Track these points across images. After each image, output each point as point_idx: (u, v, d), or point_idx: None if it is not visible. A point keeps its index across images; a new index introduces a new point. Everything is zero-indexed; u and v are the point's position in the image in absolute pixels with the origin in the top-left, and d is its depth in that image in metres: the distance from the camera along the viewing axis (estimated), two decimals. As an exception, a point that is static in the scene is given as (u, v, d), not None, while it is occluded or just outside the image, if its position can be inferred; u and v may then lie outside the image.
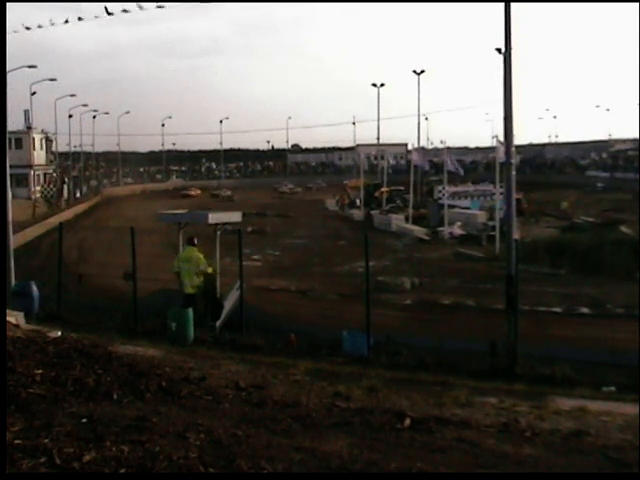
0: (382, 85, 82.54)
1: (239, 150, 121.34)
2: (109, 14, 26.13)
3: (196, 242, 17.45)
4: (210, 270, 17.19)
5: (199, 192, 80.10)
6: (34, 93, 60.81)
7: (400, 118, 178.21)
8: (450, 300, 24.28)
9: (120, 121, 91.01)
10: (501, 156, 28.33)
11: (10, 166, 21.89)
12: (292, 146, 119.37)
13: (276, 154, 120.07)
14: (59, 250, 19.01)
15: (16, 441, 4.48)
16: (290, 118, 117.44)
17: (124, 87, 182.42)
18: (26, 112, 65.23)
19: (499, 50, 16.82)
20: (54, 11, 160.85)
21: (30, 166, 64.59)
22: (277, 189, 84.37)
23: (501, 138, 23.06)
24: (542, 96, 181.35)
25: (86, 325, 15.47)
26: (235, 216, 20.37)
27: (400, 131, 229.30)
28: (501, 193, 34.78)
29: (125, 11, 26.86)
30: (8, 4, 12.50)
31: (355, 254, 25.77)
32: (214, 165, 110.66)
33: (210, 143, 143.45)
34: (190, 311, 15.51)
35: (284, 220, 53.33)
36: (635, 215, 41.02)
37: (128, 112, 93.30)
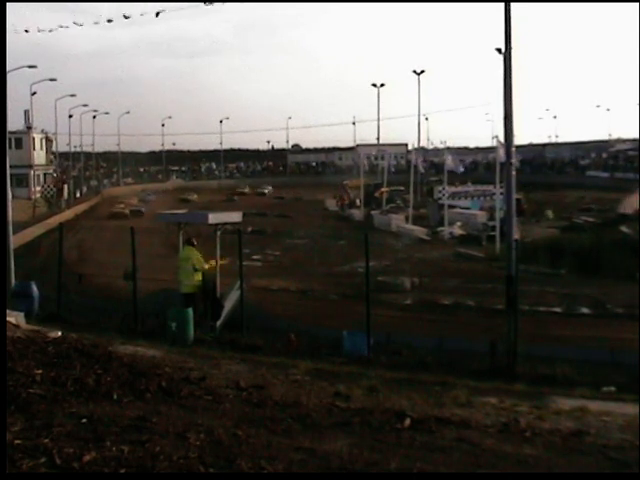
0: (382, 85, 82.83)
1: (239, 150, 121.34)
2: (109, 21, 26.16)
3: (195, 243, 17.51)
4: (207, 267, 17.23)
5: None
6: (34, 93, 60.83)
7: (400, 118, 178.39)
8: (450, 300, 24.29)
9: (120, 121, 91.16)
10: (501, 156, 28.32)
11: (10, 166, 21.89)
12: (292, 146, 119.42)
13: (276, 154, 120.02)
14: (59, 250, 19.01)
15: (16, 441, 4.47)
16: (290, 118, 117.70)
17: (124, 87, 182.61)
18: (26, 112, 65.28)
19: (499, 50, 16.84)
20: (54, 11, 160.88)
21: (30, 166, 64.58)
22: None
23: (501, 138, 23.07)
24: (542, 96, 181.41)
25: (86, 325, 15.47)
26: (235, 216, 20.36)
27: (400, 131, 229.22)
28: (501, 193, 34.79)
29: (126, 17, 26.84)
30: (8, 4, 12.50)
31: (355, 254, 25.77)
32: (214, 165, 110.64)
33: (210, 143, 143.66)
34: (190, 311, 15.52)
35: (284, 220, 53.32)
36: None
37: (128, 112, 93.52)
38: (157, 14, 24.12)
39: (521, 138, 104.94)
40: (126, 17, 26.51)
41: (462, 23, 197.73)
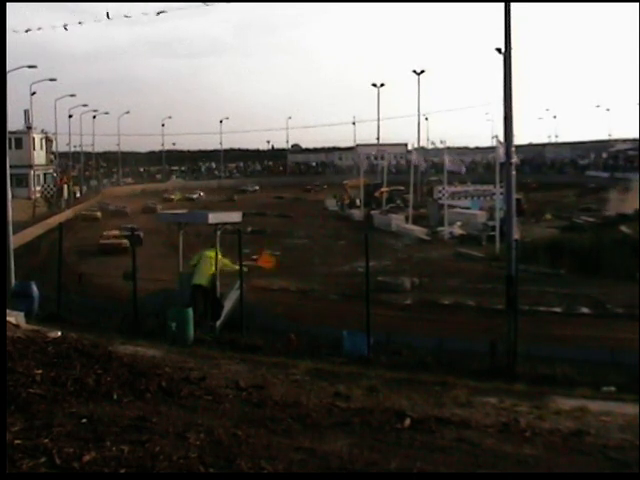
0: (382, 85, 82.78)
1: (239, 150, 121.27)
2: (108, 17, 26.24)
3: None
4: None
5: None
6: (34, 93, 60.76)
7: (400, 118, 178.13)
8: (450, 300, 24.31)
9: (120, 121, 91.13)
10: (501, 156, 28.32)
11: (10, 166, 21.90)
12: (292, 146, 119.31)
13: (276, 154, 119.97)
14: (59, 250, 19.02)
15: (16, 441, 4.47)
16: (290, 118, 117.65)
17: (124, 87, 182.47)
18: (26, 112, 65.32)
19: (499, 50, 16.85)
20: (54, 11, 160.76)
21: (30, 166, 64.58)
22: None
23: (501, 138, 23.07)
24: (542, 96, 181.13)
25: (86, 325, 15.48)
26: (235, 216, 20.40)
27: (400, 131, 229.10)
28: (501, 193, 34.80)
29: (127, 17, 26.94)
30: (8, 4, 12.49)
31: (355, 254, 25.80)
32: (214, 165, 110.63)
33: (210, 143, 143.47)
34: (190, 311, 15.54)
35: (284, 220, 53.32)
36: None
37: (128, 112, 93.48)
38: (158, 13, 24.24)
39: (521, 138, 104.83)
40: (127, 17, 26.60)
41: (462, 23, 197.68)
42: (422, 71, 78.23)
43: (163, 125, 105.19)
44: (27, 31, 28.45)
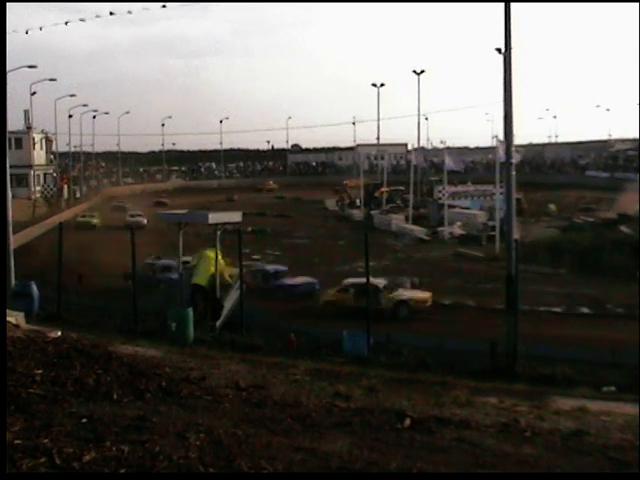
0: (382, 85, 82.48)
1: (239, 150, 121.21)
2: (111, 14, 26.33)
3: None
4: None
5: None
6: (34, 93, 60.68)
7: (400, 118, 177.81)
8: (450, 300, 24.29)
9: (120, 121, 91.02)
10: (501, 156, 28.32)
11: (10, 166, 21.91)
12: (292, 146, 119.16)
13: (276, 154, 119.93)
14: (59, 250, 19.01)
15: (16, 441, 4.47)
16: (290, 118, 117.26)
17: (124, 87, 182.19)
18: (26, 112, 65.24)
19: (499, 50, 16.88)
20: (54, 11, 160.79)
21: (30, 166, 64.54)
22: None
23: (501, 138, 23.08)
24: (542, 96, 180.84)
25: (86, 325, 15.49)
26: (235, 216, 20.42)
27: (400, 131, 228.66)
28: (501, 193, 34.80)
29: (129, 12, 27.03)
30: (8, 4, 12.51)
31: (355, 254, 25.79)
32: (214, 165, 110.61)
33: (210, 143, 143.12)
34: (190, 311, 15.55)
35: (284, 220, 53.30)
36: None
37: (128, 112, 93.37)
38: (163, 6, 24.27)
39: (521, 138, 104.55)
40: (130, 12, 26.60)
41: (462, 23, 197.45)
42: (422, 71, 78.00)
43: (163, 125, 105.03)
44: (27, 31, 28.47)
